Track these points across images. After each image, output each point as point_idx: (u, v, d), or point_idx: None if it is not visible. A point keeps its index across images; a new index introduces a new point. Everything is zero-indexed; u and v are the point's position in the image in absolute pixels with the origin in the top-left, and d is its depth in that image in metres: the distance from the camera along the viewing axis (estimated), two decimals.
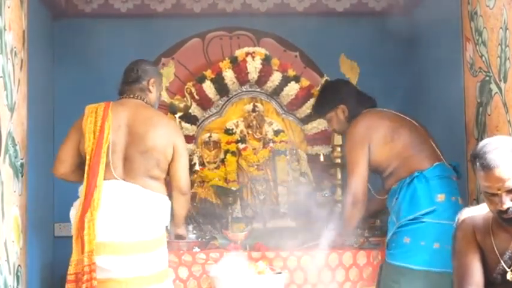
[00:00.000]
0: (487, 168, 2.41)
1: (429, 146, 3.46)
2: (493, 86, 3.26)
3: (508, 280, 2.46)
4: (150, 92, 3.39)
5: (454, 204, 3.31)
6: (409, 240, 3.25)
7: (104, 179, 3.14)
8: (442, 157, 3.45)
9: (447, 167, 3.42)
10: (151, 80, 3.39)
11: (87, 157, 3.16)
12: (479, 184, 2.49)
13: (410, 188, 3.31)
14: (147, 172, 3.22)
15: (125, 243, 3.10)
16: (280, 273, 3.36)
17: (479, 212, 2.64)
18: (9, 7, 3.07)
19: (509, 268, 2.46)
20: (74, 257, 3.04)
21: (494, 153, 2.41)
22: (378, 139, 3.42)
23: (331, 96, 3.72)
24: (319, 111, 3.87)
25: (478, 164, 2.44)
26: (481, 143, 2.49)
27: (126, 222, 3.12)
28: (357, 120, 3.53)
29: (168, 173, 3.33)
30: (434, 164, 3.37)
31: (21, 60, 3.30)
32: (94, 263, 2.99)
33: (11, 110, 3.10)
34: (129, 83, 3.38)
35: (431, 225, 3.25)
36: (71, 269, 3.03)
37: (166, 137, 3.27)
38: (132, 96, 3.36)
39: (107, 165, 3.16)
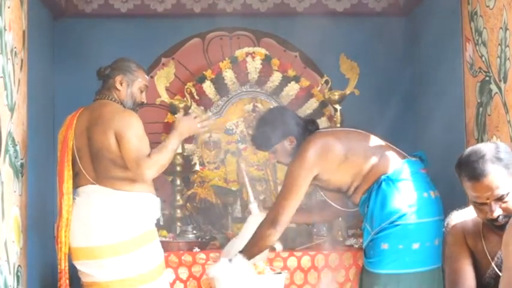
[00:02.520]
0: (474, 179, 2.36)
1: (387, 148, 3.34)
2: (493, 86, 3.26)
3: None
4: (117, 89, 3.29)
5: (427, 200, 3.22)
6: (387, 246, 3.18)
7: (81, 185, 3.20)
8: (405, 154, 3.35)
9: (415, 162, 3.32)
10: (118, 77, 3.28)
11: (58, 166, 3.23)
12: (467, 193, 2.44)
13: (380, 193, 3.21)
14: (108, 173, 3.15)
15: (102, 246, 3.11)
16: (280, 273, 3.36)
17: (468, 215, 2.60)
18: (9, 7, 3.07)
19: (500, 272, 2.40)
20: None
21: (480, 163, 2.35)
22: (331, 162, 3.25)
23: (276, 128, 3.37)
24: (263, 147, 3.49)
25: (464, 174, 2.39)
26: (465, 153, 2.44)
27: (100, 225, 3.12)
28: (307, 146, 3.28)
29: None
30: (402, 163, 3.26)
31: (21, 60, 3.29)
32: (66, 266, 3.14)
33: (11, 110, 3.10)
34: (101, 84, 3.35)
35: (406, 227, 3.17)
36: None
37: (106, 130, 3.13)
38: (99, 97, 3.32)
39: (80, 171, 3.20)
